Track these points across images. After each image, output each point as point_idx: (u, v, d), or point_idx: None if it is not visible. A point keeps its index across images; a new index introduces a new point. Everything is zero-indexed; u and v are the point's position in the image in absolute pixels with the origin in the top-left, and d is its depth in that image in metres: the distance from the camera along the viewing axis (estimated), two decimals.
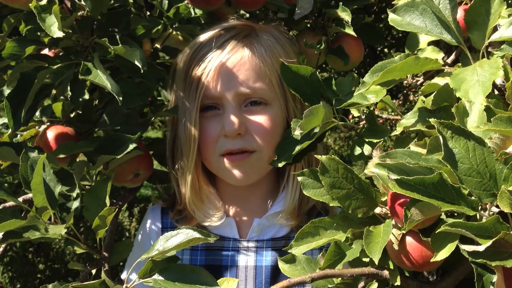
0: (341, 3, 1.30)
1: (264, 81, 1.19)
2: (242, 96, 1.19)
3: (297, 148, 1.10)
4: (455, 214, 0.83)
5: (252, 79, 1.18)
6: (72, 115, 1.31)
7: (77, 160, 1.22)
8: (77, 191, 1.10)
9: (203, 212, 1.27)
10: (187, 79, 1.23)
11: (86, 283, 0.89)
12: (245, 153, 1.20)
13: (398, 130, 0.99)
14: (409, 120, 0.98)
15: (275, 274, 1.22)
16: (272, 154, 1.20)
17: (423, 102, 1.02)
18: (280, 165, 1.14)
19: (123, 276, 1.37)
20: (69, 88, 1.24)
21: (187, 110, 1.21)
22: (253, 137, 1.19)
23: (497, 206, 0.74)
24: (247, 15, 1.47)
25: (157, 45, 1.50)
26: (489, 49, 0.92)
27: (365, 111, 1.17)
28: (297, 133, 1.03)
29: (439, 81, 1.01)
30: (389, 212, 0.88)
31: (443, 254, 0.78)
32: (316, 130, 1.07)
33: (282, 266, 1.04)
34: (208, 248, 1.27)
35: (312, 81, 1.11)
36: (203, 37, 1.25)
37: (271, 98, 1.21)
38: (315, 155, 0.94)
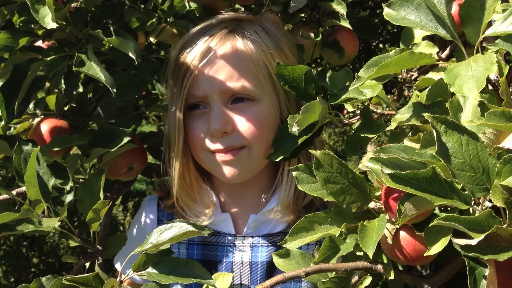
0: None
1: (250, 77, 1.17)
2: (226, 94, 1.17)
3: (295, 142, 1.10)
4: (448, 208, 0.84)
5: (236, 76, 1.16)
6: (66, 108, 1.31)
7: (71, 153, 1.22)
8: (70, 184, 1.10)
9: (194, 211, 1.26)
10: (174, 77, 1.22)
11: (79, 276, 0.89)
12: (234, 150, 1.19)
13: (392, 125, 0.99)
14: (403, 115, 0.98)
15: (271, 270, 1.22)
16: (264, 149, 1.19)
17: (418, 97, 1.02)
18: (277, 159, 1.13)
19: (117, 266, 1.37)
20: (63, 80, 1.23)
21: (172, 109, 1.21)
22: (241, 135, 1.17)
23: (490, 201, 0.74)
24: (242, 8, 1.46)
25: (152, 39, 1.49)
26: (484, 44, 0.92)
27: (359, 106, 1.17)
28: (294, 129, 1.03)
29: (433, 76, 1.01)
30: (383, 207, 0.89)
31: (436, 248, 0.78)
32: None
33: (277, 260, 1.04)
34: (204, 243, 1.27)
35: (307, 80, 1.11)
36: (189, 35, 1.23)
37: (259, 94, 1.19)
38: (310, 150, 0.94)
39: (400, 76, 1.25)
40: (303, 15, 1.44)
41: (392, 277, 0.89)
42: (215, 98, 1.17)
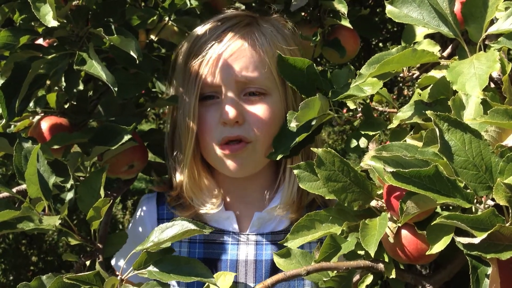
0: None
1: (264, 71, 1.19)
2: (240, 84, 1.19)
3: (294, 140, 1.10)
4: (450, 207, 0.84)
5: (251, 67, 1.18)
6: (66, 106, 1.30)
7: (71, 151, 1.21)
8: (71, 182, 1.10)
9: (201, 200, 1.26)
10: (186, 69, 1.23)
11: (80, 274, 0.89)
12: (241, 143, 1.19)
13: (394, 123, 0.99)
14: (405, 113, 0.98)
15: (275, 268, 1.21)
16: (269, 146, 1.19)
17: (419, 95, 1.01)
18: (277, 158, 1.13)
19: (113, 262, 1.37)
20: (63, 78, 1.23)
21: (186, 99, 1.21)
22: (251, 127, 1.19)
23: (492, 199, 0.74)
24: (243, 7, 1.46)
25: (153, 36, 1.49)
26: (486, 42, 0.91)
27: (361, 103, 1.17)
28: (292, 125, 1.03)
29: (435, 74, 1.01)
30: (384, 205, 0.88)
31: (439, 247, 0.78)
32: (313, 122, 1.07)
33: (277, 260, 1.04)
34: (207, 241, 1.27)
35: (308, 73, 1.11)
36: (202, 27, 1.24)
37: (271, 88, 1.21)
38: (311, 148, 0.94)
39: (401, 75, 1.25)
40: (304, 13, 1.43)
41: (393, 276, 0.89)
42: (228, 88, 1.18)
